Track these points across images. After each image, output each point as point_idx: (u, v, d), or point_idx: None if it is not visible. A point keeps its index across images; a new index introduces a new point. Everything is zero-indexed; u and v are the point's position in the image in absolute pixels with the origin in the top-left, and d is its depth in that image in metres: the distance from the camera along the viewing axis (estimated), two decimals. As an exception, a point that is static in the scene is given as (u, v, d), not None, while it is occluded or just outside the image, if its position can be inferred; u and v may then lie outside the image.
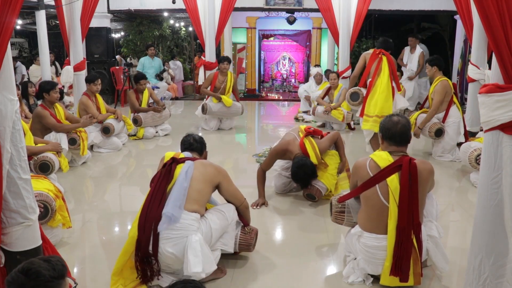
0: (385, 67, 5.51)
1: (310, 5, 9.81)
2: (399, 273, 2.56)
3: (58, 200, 3.23)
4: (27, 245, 2.38)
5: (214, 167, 2.91)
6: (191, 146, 3.08)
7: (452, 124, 5.57)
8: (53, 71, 9.64)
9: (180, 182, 2.71)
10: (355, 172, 2.82)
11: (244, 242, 2.94)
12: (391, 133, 2.72)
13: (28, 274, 1.53)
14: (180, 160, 2.84)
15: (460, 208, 4.17)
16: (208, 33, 8.68)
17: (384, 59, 5.54)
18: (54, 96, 5.13)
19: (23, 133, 4.34)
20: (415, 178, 2.57)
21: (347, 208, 2.94)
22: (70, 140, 5.13)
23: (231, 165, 5.83)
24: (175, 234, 2.57)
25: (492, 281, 2.15)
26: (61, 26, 7.05)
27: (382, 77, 5.50)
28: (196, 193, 2.74)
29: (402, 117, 2.79)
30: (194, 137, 3.13)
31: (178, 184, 2.70)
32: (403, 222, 2.53)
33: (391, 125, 2.72)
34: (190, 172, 2.76)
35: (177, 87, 12.52)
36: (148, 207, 2.65)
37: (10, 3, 2.07)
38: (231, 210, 2.90)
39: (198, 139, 3.13)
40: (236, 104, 7.62)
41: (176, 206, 2.62)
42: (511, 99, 1.94)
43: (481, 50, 5.78)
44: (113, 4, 10.47)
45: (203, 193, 2.80)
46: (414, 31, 12.62)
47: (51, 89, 5.09)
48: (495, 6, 1.89)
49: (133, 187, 4.77)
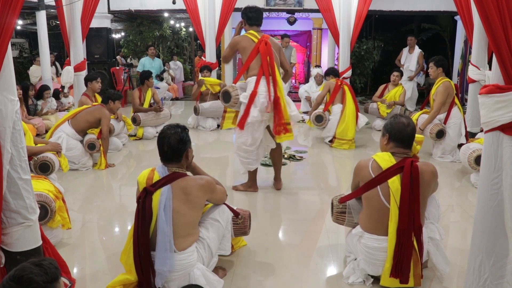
0: (349, 95, 6.44)
1: (311, 5, 9.82)
2: (399, 275, 2.55)
3: (58, 201, 3.23)
4: (27, 246, 2.38)
5: (196, 188, 2.52)
6: (165, 156, 2.58)
7: (453, 126, 5.56)
8: (53, 72, 9.64)
9: (162, 227, 2.42)
10: (357, 172, 2.81)
11: (238, 230, 2.94)
12: (401, 135, 2.68)
13: (20, 282, 1.48)
14: (154, 189, 2.48)
15: (460, 208, 4.17)
16: (208, 34, 8.69)
17: (346, 88, 6.52)
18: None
19: (23, 133, 4.34)
20: (416, 180, 2.55)
21: (348, 208, 2.93)
22: (89, 145, 5.22)
23: (230, 165, 5.83)
24: (177, 275, 2.48)
25: (492, 282, 2.15)
26: (61, 26, 7.05)
27: (348, 105, 6.39)
28: (183, 228, 2.50)
29: (409, 118, 2.75)
30: (169, 143, 2.54)
31: (160, 230, 2.42)
32: (403, 224, 2.53)
33: (401, 127, 2.67)
34: (169, 207, 2.44)
35: (178, 88, 12.52)
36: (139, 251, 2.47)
37: (11, 3, 2.07)
38: (224, 214, 2.78)
39: (173, 145, 2.53)
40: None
41: (166, 259, 2.41)
42: (511, 100, 1.94)
43: (482, 51, 5.78)
44: (113, 5, 10.48)
45: (191, 222, 2.55)
46: (415, 32, 12.63)
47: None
48: (496, 7, 1.89)
49: (133, 188, 4.69)
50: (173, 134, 2.54)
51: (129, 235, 2.62)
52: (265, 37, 4.17)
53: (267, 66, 4.08)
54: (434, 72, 5.59)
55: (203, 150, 6.47)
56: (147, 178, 2.57)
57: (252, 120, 4.09)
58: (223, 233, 2.77)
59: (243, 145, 4.22)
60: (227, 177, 5.24)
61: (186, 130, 2.63)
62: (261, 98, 4.07)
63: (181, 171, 2.59)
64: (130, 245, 2.57)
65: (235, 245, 3.16)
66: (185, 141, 2.58)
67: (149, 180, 2.55)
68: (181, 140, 2.55)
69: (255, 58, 4.12)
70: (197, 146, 6.52)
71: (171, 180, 2.51)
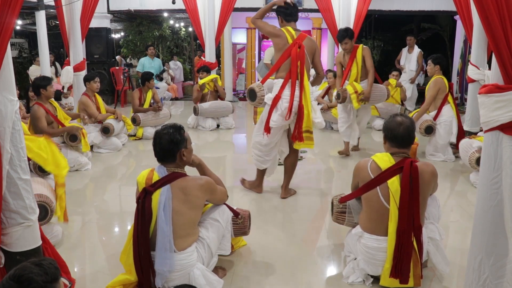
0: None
1: (310, 5, 9.81)
2: (399, 275, 2.56)
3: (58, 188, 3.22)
4: (27, 246, 2.38)
5: (196, 188, 2.52)
6: (158, 156, 2.58)
7: (443, 123, 5.55)
8: (53, 72, 9.64)
9: (161, 227, 2.42)
10: (356, 173, 2.81)
11: (238, 230, 2.94)
12: (393, 134, 2.67)
13: (20, 281, 1.47)
14: (154, 189, 2.48)
15: (460, 208, 4.17)
16: (208, 34, 8.69)
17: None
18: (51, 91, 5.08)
19: (23, 133, 4.34)
20: (416, 181, 2.54)
21: (348, 208, 2.93)
22: (70, 137, 5.12)
23: (230, 165, 5.83)
24: (177, 274, 2.48)
25: (492, 281, 2.15)
26: (61, 26, 7.05)
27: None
28: (183, 228, 2.49)
29: (406, 117, 2.72)
30: (160, 143, 2.53)
31: (160, 230, 2.42)
32: (403, 224, 2.53)
33: (394, 126, 2.67)
34: (169, 208, 2.44)
35: (177, 88, 12.53)
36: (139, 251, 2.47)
37: (10, 3, 2.07)
38: (224, 214, 2.78)
39: (164, 145, 2.52)
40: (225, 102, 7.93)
41: (166, 259, 2.42)
42: (510, 99, 1.94)
43: (481, 51, 5.79)
44: (113, 5, 10.48)
45: (191, 222, 2.55)
46: (414, 32, 12.64)
47: (47, 84, 5.03)
48: (495, 7, 1.89)
49: (133, 188, 4.69)
50: (165, 134, 2.53)
51: (129, 235, 2.62)
52: (301, 38, 4.00)
53: (296, 71, 3.93)
54: (431, 69, 5.61)
55: (203, 150, 6.46)
56: (147, 178, 2.56)
57: (272, 125, 4.01)
58: (223, 233, 2.76)
59: (258, 144, 4.20)
60: (226, 177, 5.23)
61: (181, 130, 2.59)
62: (284, 102, 3.95)
63: (180, 171, 2.59)
64: (130, 245, 2.57)
65: (235, 245, 3.16)
66: (177, 142, 2.54)
67: (148, 180, 2.55)
68: (172, 141, 2.52)
69: (286, 60, 3.97)
70: (197, 146, 6.52)
71: (171, 180, 2.51)
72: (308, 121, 4.01)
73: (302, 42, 3.97)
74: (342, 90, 5.56)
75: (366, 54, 5.48)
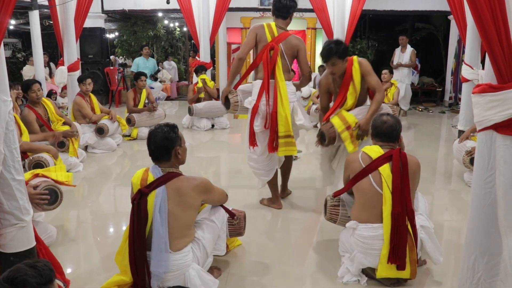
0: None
1: (304, 5, 9.78)
2: (397, 259, 2.60)
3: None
4: (21, 247, 2.37)
5: (191, 188, 2.50)
6: (153, 155, 2.56)
7: None
8: (47, 72, 9.59)
9: (157, 229, 2.41)
10: (347, 166, 2.93)
11: (234, 231, 2.96)
12: (377, 131, 2.87)
13: (14, 283, 1.45)
14: (149, 190, 2.46)
15: (454, 207, 4.19)
16: (202, 33, 8.67)
17: None
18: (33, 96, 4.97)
19: (21, 133, 4.34)
20: (405, 166, 2.69)
21: (342, 202, 3.01)
22: (58, 143, 5.00)
23: (225, 165, 5.83)
24: (172, 275, 2.47)
25: (486, 280, 2.15)
26: (54, 26, 7.00)
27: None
28: (179, 230, 2.49)
29: (392, 117, 2.88)
30: (154, 141, 2.52)
31: (155, 232, 2.42)
32: (397, 207, 2.62)
33: (379, 123, 2.86)
34: (164, 209, 2.43)
35: (171, 87, 12.50)
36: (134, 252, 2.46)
37: (3, 3, 2.05)
38: (220, 214, 2.79)
39: (158, 143, 2.51)
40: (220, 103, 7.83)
41: (161, 260, 2.41)
42: (504, 99, 1.95)
43: (475, 50, 5.81)
44: (107, 4, 10.44)
45: (187, 223, 2.54)
46: (408, 31, 12.67)
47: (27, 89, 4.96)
48: (488, 7, 1.90)
49: (128, 188, 4.69)
50: (159, 132, 2.52)
51: (124, 235, 2.61)
52: (280, 39, 3.72)
53: (267, 78, 3.69)
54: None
55: (198, 150, 6.46)
56: (141, 179, 2.54)
57: (256, 130, 3.80)
58: (218, 234, 2.76)
59: (253, 154, 3.92)
60: (221, 177, 5.23)
61: (175, 128, 2.57)
62: (262, 106, 3.74)
63: (175, 170, 2.58)
64: (125, 245, 2.56)
65: (230, 245, 3.15)
66: (172, 139, 2.52)
67: (143, 181, 2.53)
68: (166, 138, 2.50)
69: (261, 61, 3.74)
70: (191, 146, 6.51)
71: (166, 180, 2.49)
72: (287, 125, 3.72)
73: (280, 43, 3.72)
74: (326, 128, 3.60)
75: (366, 70, 3.57)
